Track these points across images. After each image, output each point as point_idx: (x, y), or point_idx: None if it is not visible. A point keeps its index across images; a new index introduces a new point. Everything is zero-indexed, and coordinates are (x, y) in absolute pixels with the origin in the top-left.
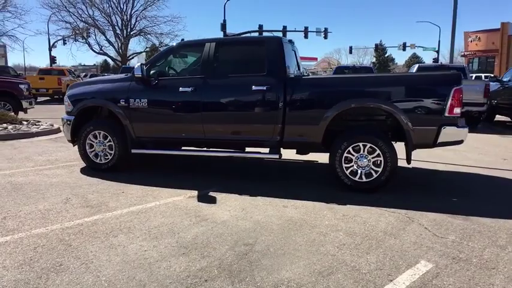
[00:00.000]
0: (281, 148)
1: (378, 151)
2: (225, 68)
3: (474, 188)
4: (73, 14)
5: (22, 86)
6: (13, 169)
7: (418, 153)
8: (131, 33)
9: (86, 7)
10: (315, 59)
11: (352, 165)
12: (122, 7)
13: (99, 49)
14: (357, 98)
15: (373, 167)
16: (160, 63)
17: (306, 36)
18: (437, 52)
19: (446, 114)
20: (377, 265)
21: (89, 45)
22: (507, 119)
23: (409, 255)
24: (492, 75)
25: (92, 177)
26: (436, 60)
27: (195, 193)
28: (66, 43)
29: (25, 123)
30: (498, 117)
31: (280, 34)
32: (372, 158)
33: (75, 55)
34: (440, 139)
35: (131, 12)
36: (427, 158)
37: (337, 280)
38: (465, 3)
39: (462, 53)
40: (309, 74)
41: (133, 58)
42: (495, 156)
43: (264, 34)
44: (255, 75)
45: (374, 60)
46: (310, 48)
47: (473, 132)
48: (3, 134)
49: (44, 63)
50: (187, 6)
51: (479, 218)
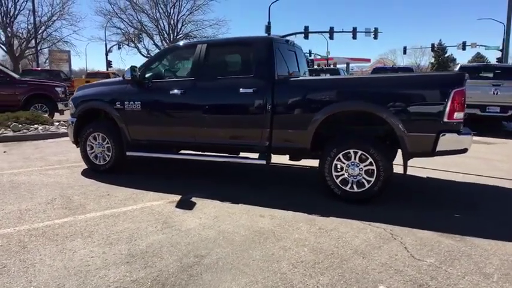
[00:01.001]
0: (271, 153)
1: (370, 159)
2: (215, 70)
3: (487, 204)
4: (124, 20)
5: (58, 89)
6: (22, 168)
7: (439, 161)
8: (177, 37)
9: (136, 13)
10: (368, 60)
11: (342, 173)
12: (170, 11)
13: (146, 53)
14: (344, 101)
15: (365, 176)
16: (155, 65)
17: (355, 37)
18: (501, 51)
19: (445, 119)
20: None
21: (138, 49)
22: None
23: (369, 279)
24: None
25: (89, 178)
26: (501, 59)
27: (178, 198)
28: (120, 48)
29: (56, 124)
30: None
31: (327, 35)
32: (364, 167)
33: (124, 59)
34: (439, 147)
35: (178, 17)
36: (448, 167)
37: None
38: None
39: None
40: (306, 74)
41: None
42: None
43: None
44: (243, 77)
45: (433, 60)
46: (363, 49)
47: None
48: (32, 134)
49: (103, 67)
50: (231, 9)
51: (476, 239)
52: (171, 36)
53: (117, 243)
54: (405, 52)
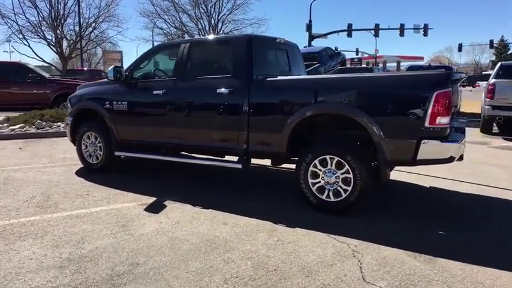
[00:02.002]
0: (250, 157)
1: (347, 166)
2: (195, 70)
3: (485, 221)
4: (166, 21)
5: None
6: (24, 165)
7: (453, 169)
8: None
9: (178, 13)
10: (421, 58)
11: (319, 181)
12: (210, 11)
13: None
14: (318, 103)
15: (342, 185)
16: (142, 65)
17: (402, 34)
18: None
19: (426, 124)
20: None
21: None
22: None
23: None
24: None
25: (80, 177)
26: None
27: (151, 200)
28: None
29: None
30: None
31: (372, 33)
32: (341, 175)
33: None
34: (420, 155)
35: (218, 16)
36: (459, 176)
37: None
38: None
39: None
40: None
41: None
42: None
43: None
44: (221, 77)
45: (493, 58)
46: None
47: None
48: (53, 132)
49: None
50: (271, 8)
51: (449, 262)
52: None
53: (63, 245)
54: (460, 49)
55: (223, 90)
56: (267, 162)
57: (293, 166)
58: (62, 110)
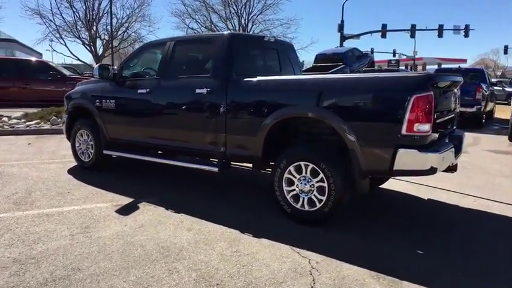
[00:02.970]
0: (229, 161)
1: (322, 175)
2: (178, 69)
3: (477, 242)
4: (197, 21)
5: None
6: (24, 160)
7: (463, 180)
8: None
9: (209, 13)
10: (464, 61)
11: (294, 188)
12: (241, 11)
13: None
14: (292, 106)
15: (316, 194)
16: (132, 63)
17: (441, 35)
18: None
19: (403, 132)
20: None
21: None
22: None
23: None
24: None
25: (70, 174)
26: None
27: (128, 201)
28: None
29: None
30: None
31: (408, 33)
32: (316, 183)
33: None
34: (396, 165)
35: (249, 17)
36: (465, 188)
37: None
38: None
39: None
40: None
41: None
42: None
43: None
44: (201, 76)
45: None
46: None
47: None
48: None
49: None
50: (303, 8)
51: (414, 286)
52: None
53: (17, 245)
54: (506, 52)
55: (201, 90)
56: None
57: None
58: None
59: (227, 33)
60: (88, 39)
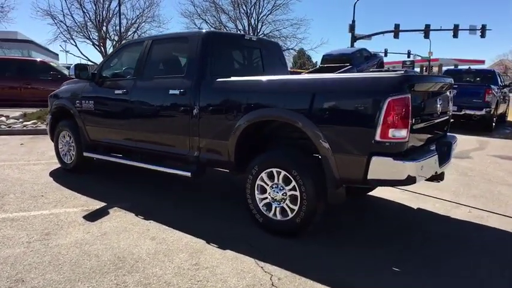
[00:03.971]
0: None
1: (293, 182)
2: (153, 69)
3: (459, 258)
4: (207, 22)
5: None
6: (10, 161)
7: (462, 188)
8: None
9: (218, 14)
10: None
11: (266, 196)
12: (250, 11)
13: None
14: (264, 108)
15: (289, 203)
16: (112, 63)
17: (456, 35)
18: None
19: (377, 138)
20: None
21: None
22: None
23: None
24: None
25: (51, 176)
26: None
27: (100, 206)
28: None
29: None
30: None
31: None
32: (289, 191)
33: None
34: (370, 174)
35: (258, 17)
36: (460, 197)
37: None
38: None
39: None
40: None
41: None
42: None
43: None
44: (175, 77)
45: None
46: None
47: None
48: None
49: None
50: (313, 8)
51: None
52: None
53: None
54: None
55: (175, 91)
56: None
57: None
58: None
59: (203, 31)
60: (98, 39)
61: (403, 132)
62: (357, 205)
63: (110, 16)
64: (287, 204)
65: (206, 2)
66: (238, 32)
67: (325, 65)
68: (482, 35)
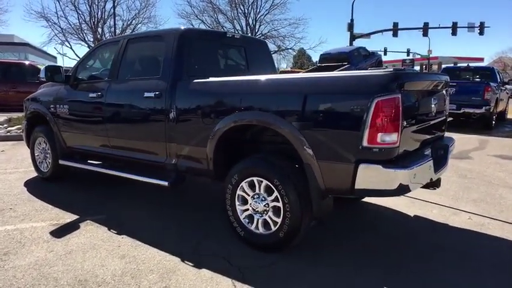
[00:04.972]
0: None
1: (276, 192)
2: (128, 70)
3: (453, 270)
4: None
5: None
6: None
7: (462, 192)
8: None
9: (216, 14)
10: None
11: (247, 208)
12: (248, 10)
13: None
14: (243, 111)
15: (271, 215)
16: (87, 64)
17: (455, 33)
18: None
19: (364, 143)
20: None
21: None
22: None
23: None
24: None
25: (25, 186)
26: None
27: (71, 219)
28: None
29: None
30: None
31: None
32: (271, 202)
33: None
34: (358, 184)
35: (256, 17)
36: (462, 202)
37: None
38: None
39: None
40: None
41: None
42: None
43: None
44: (150, 78)
45: None
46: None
47: None
48: None
49: None
50: (311, 7)
51: None
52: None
53: None
54: None
55: (150, 93)
56: None
57: None
58: None
59: (179, 28)
60: (93, 41)
61: (393, 136)
62: (348, 213)
63: (106, 17)
64: (269, 216)
65: (203, 2)
66: (219, 30)
67: (323, 64)
68: (480, 33)
